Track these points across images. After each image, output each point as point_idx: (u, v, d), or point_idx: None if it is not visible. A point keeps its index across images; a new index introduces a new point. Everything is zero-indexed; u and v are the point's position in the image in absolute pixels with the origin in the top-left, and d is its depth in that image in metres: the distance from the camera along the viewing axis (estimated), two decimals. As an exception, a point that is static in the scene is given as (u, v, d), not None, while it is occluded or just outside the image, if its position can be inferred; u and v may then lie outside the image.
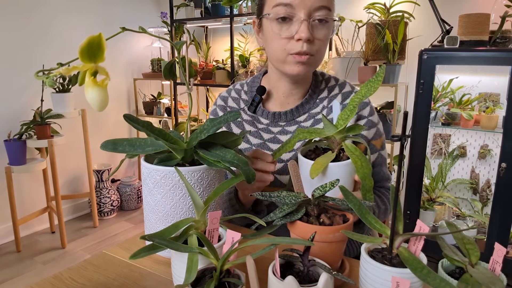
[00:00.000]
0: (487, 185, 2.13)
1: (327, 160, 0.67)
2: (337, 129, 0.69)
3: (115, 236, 2.76)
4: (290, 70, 0.88)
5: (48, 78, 0.59)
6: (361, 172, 0.66)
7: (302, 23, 0.82)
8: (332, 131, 0.70)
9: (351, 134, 0.71)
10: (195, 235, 0.59)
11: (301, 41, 0.83)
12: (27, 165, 2.41)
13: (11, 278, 2.20)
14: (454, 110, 2.07)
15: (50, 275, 0.68)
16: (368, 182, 0.66)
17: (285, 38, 0.85)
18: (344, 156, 0.72)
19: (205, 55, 3.25)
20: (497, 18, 1.86)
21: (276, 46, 0.87)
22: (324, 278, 0.50)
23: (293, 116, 0.97)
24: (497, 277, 0.51)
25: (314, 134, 0.71)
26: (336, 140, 0.71)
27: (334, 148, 0.72)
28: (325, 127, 0.71)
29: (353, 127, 0.71)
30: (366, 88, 0.69)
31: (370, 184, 0.66)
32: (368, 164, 0.66)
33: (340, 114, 0.71)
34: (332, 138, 0.72)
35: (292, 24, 0.84)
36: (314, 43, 0.85)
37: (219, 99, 1.08)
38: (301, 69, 0.87)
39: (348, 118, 0.69)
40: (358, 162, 0.66)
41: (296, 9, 0.82)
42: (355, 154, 0.66)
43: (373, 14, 2.20)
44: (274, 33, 0.86)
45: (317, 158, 0.70)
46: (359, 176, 0.66)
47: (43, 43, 2.70)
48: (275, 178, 0.95)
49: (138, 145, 0.72)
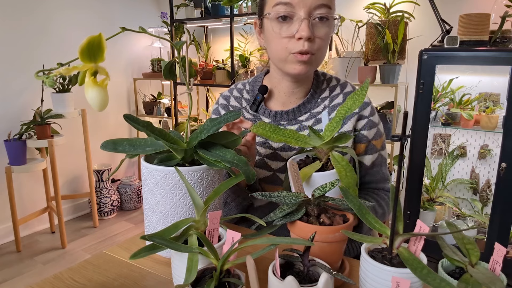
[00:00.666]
0: (487, 185, 2.13)
1: (311, 170, 0.69)
2: (323, 141, 0.71)
3: (115, 236, 2.76)
4: (291, 69, 0.88)
5: (48, 78, 0.59)
6: (345, 181, 0.66)
7: (302, 21, 0.82)
8: (318, 143, 0.72)
9: (339, 144, 0.72)
10: (195, 235, 0.59)
11: (302, 40, 0.83)
12: (27, 165, 2.41)
13: (11, 278, 2.20)
14: (454, 110, 2.07)
15: (50, 275, 0.68)
16: (352, 191, 0.66)
17: (286, 37, 0.85)
18: (330, 165, 0.73)
19: (205, 55, 3.25)
20: (497, 18, 1.86)
21: (277, 45, 0.87)
22: (324, 278, 0.50)
23: (295, 115, 0.98)
24: (497, 277, 0.51)
25: (300, 143, 0.72)
26: (324, 150, 0.73)
27: (322, 158, 0.73)
28: (312, 138, 0.73)
29: (340, 138, 0.72)
30: (351, 101, 0.71)
31: (354, 193, 0.66)
32: (353, 174, 0.67)
33: (327, 126, 0.72)
34: (319, 148, 0.73)
35: (293, 23, 0.84)
36: (315, 42, 0.85)
37: (221, 98, 1.08)
38: (302, 68, 0.87)
39: (334, 130, 0.70)
40: (343, 171, 0.67)
41: (296, 8, 0.82)
42: (340, 164, 0.67)
43: (373, 14, 2.20)
44: (275, 33, 0.86)
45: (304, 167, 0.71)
46: (343, 184, 0.66)
47: (43, 43, 2.70)
48: (276, 176, 0.95)
49: (138, 145, 0.72)
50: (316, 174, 0.69)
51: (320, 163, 0.71)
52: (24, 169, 2.40)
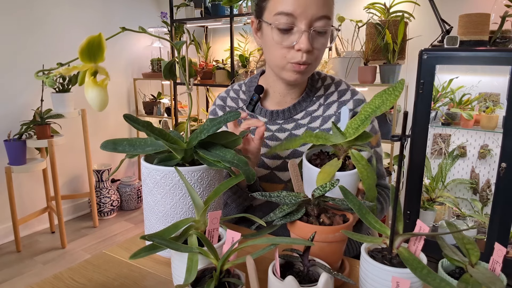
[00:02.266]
0: (487, 185, 2.13)
1: (334, 169, 0.66)
2: (346, 139, 0.67)
3: (115, 236, 2.76)
4: (287, 76, 0.90)
5: (48, 78, 0.59)
6: (366, 183, 0.65)
7: (302, 34, 0.83)
8: (340, 140, 0.68)
9: (360, 142, 0.69)
10: (195, 235, 0.59)
11: (301, 52, 0.85)
12: (27, 165, 2.41)
13: (11, 278, 2.20)
14: (454, 110, 2.07)
15: (50, 275, 0.68)
16: (372, 193, 0.65)
17: (285, 47, 0.86)
18: (349, 163, 0.70)
19: (205, 55, 3.25)
20: (497, 18, 1.86)
21: (276, 54, 0.88)
22: (324, 278, 0.50)
23: (291, 114, 0.99)
24: (497, 277, 0.51)
25: (321, 140, 0.69)
26: (343, 148, 0.70)
27: (340, 155, 0.71)
28: (334, 135, 0.69)
29: (361, 136, 0.68)
30: (380, 100, 0.67)
31: (374, 194, 0.65)
32: (373, 174, 0.65)
33: (350, 123, 0.69)
34: (339, 145, 0.70)
35: (293, 34, 0.85)
36: (312, 53, 0.87)
37: (218, 99, 1.09)
38: (298, 77, 0.89)
39: (359, 128, 0.67)
40: (364, 172, 0.65)
41: (298, 19, 0.83)
42: (361, 164, 0.65)
43: (373, 14, 2.20)
44: (275, 42, 0.87)
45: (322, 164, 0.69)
46: (365, 186, 0.65)
47: (43, 42, 2.70)
48: (274, 174, 0.95)
49: (138, 145, 0.72)
50: (339, 173, 0.67)
51: (339, 161, 0.69)
52: (24, 169, 2.39)
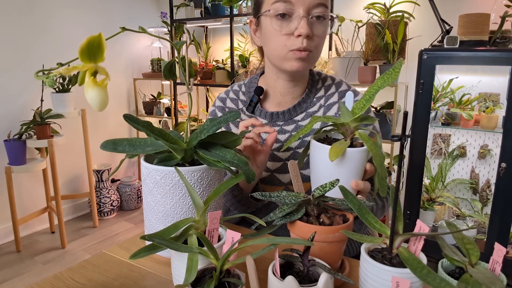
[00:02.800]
0: (487, 185, 2.13)
1: (344, 146, 0.68)
2: (354, 116, 0.71)
3: (115, 236, 2.76)
4: (289, 66, 0.89)
5: (48, 78, 0.59)
6: (377, 160, 0.66)
7: (301, 19, 0.83)
8: (349, 118, 0.71)
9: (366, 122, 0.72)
10: (195, 235, 0.59)
11: (301, 37, 0.84)
12: (27, 165, 2.41)
13: (11, 278, 2.20)
14: (454, 110, 2.07)
15: (50, 275, 0.68)
16: (383, 169, 0.67)
17: (285, 34, 0.86)
18: (357, 144, 0.73)
19: (205, 55, 3.25)
20: (497, 18, 1.86)
21: (276, 42, 0.88)
22: (324, 278, 0.50)
23: (291, 115, 0.98)
24: (497, 277, 0.51)
25: (330, 119, 0.73)
26: (350, 128, 0.72)
27: (347, 137, 0.73)
28: (342, 114, 0.73)
29: (367, 117, 0.72)
30: (382, 80, 0.71)
31: (384, 172, 0.67)
32: (381, 153, 0.67)
33: (356, 104, 0.72)
34: (346, 125, 0.73)
35: (292, 21, 0.85)
36: (313, 39, 0.86)
37: (218, 100, 1.08)
38: (300, 65, 0.88)
39: (364, 107, 0.71)
40: (374, 149, 0.67)
41: (295, 6, 0.84)
42: (369, 143, 0.67)
43: (373, 14, 2.20)
44: (274, 30, 0.87)
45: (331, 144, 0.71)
46: (376, 163, 0.66)
47: (43, 42, 2.70)
48: (274, 176, 0.95)
49: (138, 145, 0.72)
50: (350, 149, 0.69)
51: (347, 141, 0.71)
52: (24, 169, 2.39)
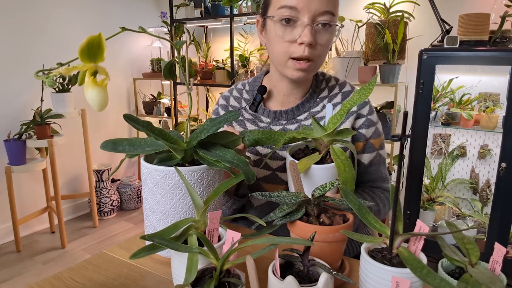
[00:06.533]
0: (487, 185, 2.13)
1: (311, 161, 0.69)
2: (325, 132, 0.70)
3: (115, 236, 2.76)
4: (290, 74, 0.89)
5: (48, 78, 0.59)
6: (343, 176, 0.66)
7: (305, 27, 0.83)
8: (320, 134, 0.71)
9: (340, 138, 0.72)
10: (195, 235, 0.59)
11: (303, 45, 0.84)
12: (27, 165, 2.41)
13: (11, 278, 2.20)
14: (454, 110, 2.07)
15: (50, 275, 0.68)
16: (349, 186, 0.66)
17: (288, 41, 0.85)
18: (329, 159, 0.72)
19: (205, 55, 3.25)
20: (497, 18, 1.86)
21: (278, 48, 0.88)
22: (324, 278, 0.50)
23: (294, 115, 0.98)
24: (497, 277, 0.51)
25: (302, 135, 0.72)
26: (324, 142, 0.72)
27: (321, 150, 0.73)
28: (314, 129, 0.73)
29: (343, 132, 0.72)
30: (358, 95, 0.71)
31: (351, 188, 0.66)
32: (351, 169, 0.66)
33: (331, 118, 0.72)
34: (320, 140, 0.72)
35: (296, 28, 0.84)
36: (315, 48, 0.86)
37: (221, 99, 1.08)
38: (300, 74, 0.88)
39: (337, 122, 0.70)
40: (342, 166, 0.66)
41: (301, 13, 0.83)
42: (340, 158, 0.67)
43: (373, 14, 2.20)
44: (277, 36, 0.87)
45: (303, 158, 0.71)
46: (340, 180, 0.66)
47: (43, 42, 2.69)
48: (276, 175, 0.95)
49: (138, 145, 0.72)
50: (315, 166, 0.69)
51: (319, 155, 0.71)
52: (24, 169, 2.39)
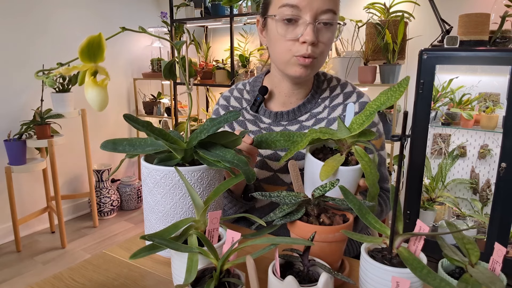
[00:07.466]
0: (487, 185, 2.13)
1: (337, 163, 0.66)
2: (351, 133, 0.68)
3: (115, 236, 2.76)
4: (292, 72, 0.89)
5: (48, 78, 0.59)
6: (370, 178, 0.65)
7: (307, 26, 0.82)
8: (345, 135, 0.68)
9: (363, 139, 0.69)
10: (195, 235, 0.59)
11: (306, 44, 0.83)
12: (27, 165, 2.41)
13: (11, 278, 2.20)
14: (454, 110, 2.07)
15: (50, 275, 0.68)
16: (375, 189, 0.65)
17: (290, 40, 0.85)
18: (352, 159, 0.71)
19: (205, 55, 3.25)
20: (497, 18, 1.86)
21: (281, 47, 0.87)
22: (324, 278, 0.50)
23: (295, 116, 0.98)
24: (497, 277, 0.51)
25: (327, 135, 0.69)
26: (347, 143, 0.70)
27: (343, 151, 0.71)
28: (339, 130, 0.70)
29: (365, 133, 0.69)
30: (385, 96, 0.68)
31: (376, 191, 0.65)
32: (376, 171, 0.65)
33: (355, 118, 0.69)
34: (343, 141, 0.70)
35: (298, 27, 0.84)
36: (318, 46, 0.85)
37: (222, 99, 1.08)
38: (303, 71, 0.88)
39: (364, 124, 0.67)
40: (367, 168, 0.65)
41: (303, 11, 0.82)
42: (364, 160, 0.65)
43: (373, 14, 2.20)
44: (279, 35, 0.86)
45: (325, 158, 0.69)
46: (368, 182, 0.65)
47: (43, 42, 2.69)
48: (277, 176, 0.95)
49: (138, 145, 0.72)
50: (343, 168, 0.67)
51: (341, 156, 0.69)
52: (24, 169, 2.39)
